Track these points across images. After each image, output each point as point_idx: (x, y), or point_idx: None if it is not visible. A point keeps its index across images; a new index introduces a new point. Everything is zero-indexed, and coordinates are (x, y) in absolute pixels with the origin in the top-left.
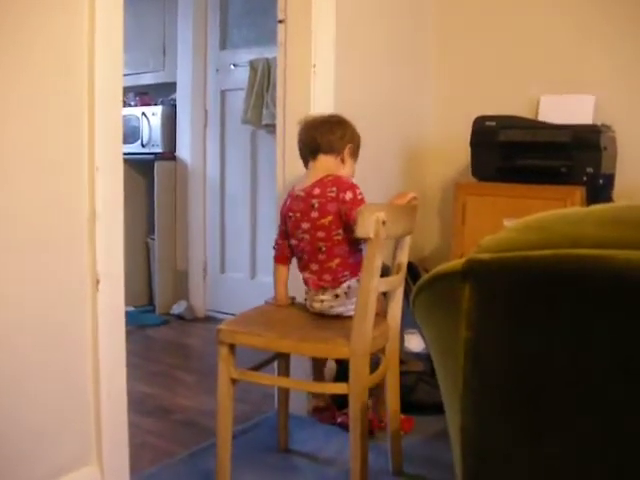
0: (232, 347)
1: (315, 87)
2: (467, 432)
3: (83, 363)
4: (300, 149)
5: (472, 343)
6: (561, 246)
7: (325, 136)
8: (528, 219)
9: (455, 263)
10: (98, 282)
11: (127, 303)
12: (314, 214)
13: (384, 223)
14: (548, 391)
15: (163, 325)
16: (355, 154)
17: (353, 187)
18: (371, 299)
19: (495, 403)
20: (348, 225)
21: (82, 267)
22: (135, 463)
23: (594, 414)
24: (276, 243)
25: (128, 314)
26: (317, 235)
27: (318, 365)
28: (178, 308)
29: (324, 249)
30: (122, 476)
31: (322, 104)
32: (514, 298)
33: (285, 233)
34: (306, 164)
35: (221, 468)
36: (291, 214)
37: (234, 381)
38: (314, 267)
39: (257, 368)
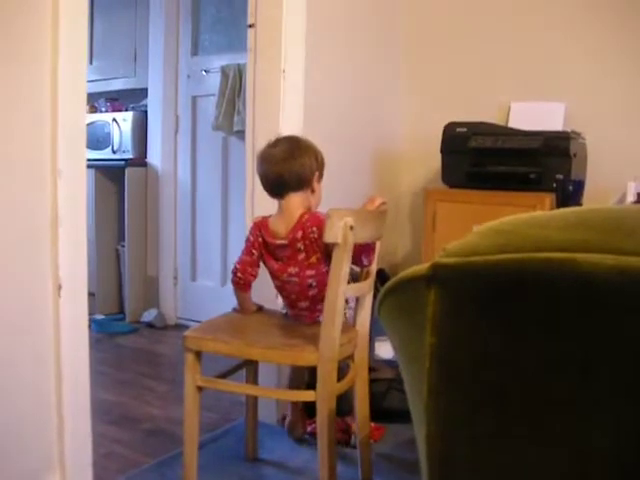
0: (198, 354)
1: (285, 92)
2: (432, 440)
3: (45, 371)
4: (264, 185)
5: (437, 348)
6: (525, 250)
7: (291, 172)
8: (492, 223)
9: (420, 268)
10: (60, 288)
11: (97, 311)
12: (301, 256)
13: (352, 228)
14: (515, 396)
15: (133, 333)
16: (321, 176)
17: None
18: (339, 305)
19: (461, 410)
20: None
21: (44, 272)
22: (101, 473)
23: (562, 420)
24: (242, 271)
25: (97, 322)
26: (306, 274)
27: (297, 373)
28: (148, 316)
29: (314, 284)
30: None
31: (292, 110)
32: (479, 302)
33: (257, 262)
34: (272, 196)
35: (187, 478)
36: (276, 260)
37: (200, 389)
38: (304, 304)
39: (225, 375)
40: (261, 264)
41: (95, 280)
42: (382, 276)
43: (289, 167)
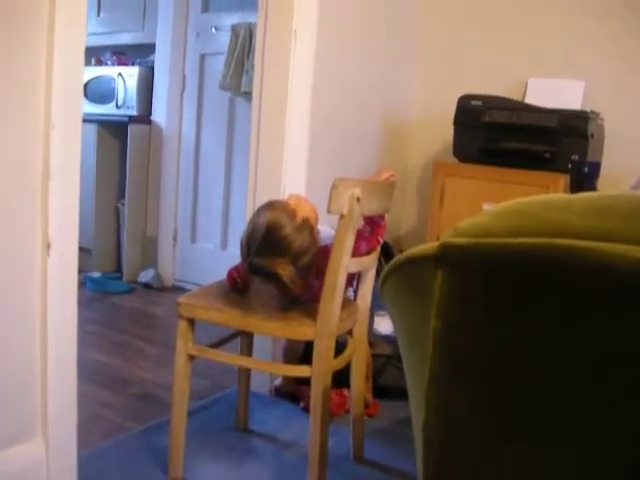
0: (191, 322)
1: (295, 54)
2: (430, 429)
3: (31, 332)
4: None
5: (442, 334)
6: (543, 235)
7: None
8: (508, 204)
9: (428, 246)
10: (49, 246)
11: (94, 269)
12: (315, 283)
13: (359, 200)
14: (522, 391)
15: (129, 293)
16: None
17: None
18: (340, 279)
19: (463, 401)
20: None
21: (32, 229)
22: (86, 437)
23: (570, 419)
24: (243, 280)
25: (93, 280)
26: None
27: (293, 345)
28: (146, 276)
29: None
30: (68, 451)
31: (301, 72)
32: (490, 288)
33: None
34: None
35: (175, 447)
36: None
37: (192, 357)
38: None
39: (219, 344)
40: None
41: (93, 237)
42: (386, 250)
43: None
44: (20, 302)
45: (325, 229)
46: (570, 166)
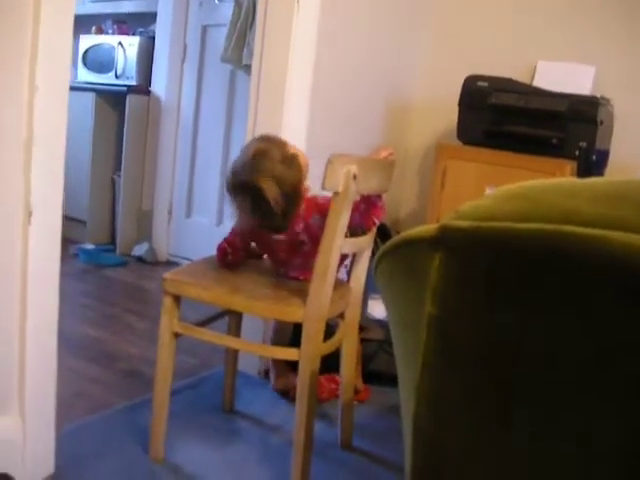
0: (177, 298)
1: (297, 26)
2: (420, 421)
3: (9, 301)
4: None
5: (437, 321)
6: (550, 220)
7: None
8: (513, 187)
9: (427, 228)
10: (31, 214)
11: (88, 240)
12: (306, 247)
13: (355, 177)
14: (520, 385)
15: (122, 266)
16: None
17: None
18: (333, 259)
19: (457, 391)
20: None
21: (13, 196)
22: (68, 412)
23: (570, 415)
24: (234, 255)
25: (86, 252)
26: (309, 263)
27: (282, 327)
28: (139, 250)
29: None
30: (46, 427)
31: (303, 45)
32: (491, 274)
33: (248, 249)
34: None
35: (156, 426)
36: (275, 256)
37: (177, 335)
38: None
39: (207, 322)
40: None
41: (88, 208)
42: (383, 231)
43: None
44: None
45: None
46: (577, 153)
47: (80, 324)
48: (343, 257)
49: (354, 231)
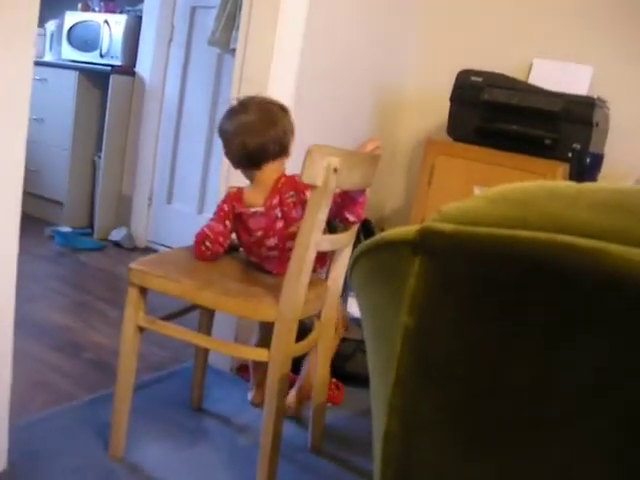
0: (144, 290)
1: (284, 12)
2: (391, 440)
3: None
4: (238, 159)
5: (413, 332)
6: (544, 229)
7: (275, 140)
8: (505, 188)
9: (406, 230)
10: None
11: (64, 223)
12: (279, 224)
13: (335, 170)
14: (502, 406)
15: (98, 251)
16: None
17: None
18: (308, 256)
19: (432, 412)
20: None
21: None
22: (26, 403)
23: (556, 442)
24: (213, 241)
25: (62, 235)
26: (287, 245)
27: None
28: (117, 234)
29: None
30: None
31: (289, 30)
32: (476, 285)
33: (229, 234)
34: (247, 169)
35: (117, 424)
36: (252, 234)
37: (142, 329)
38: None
39: (177, 315)
40: None
41: (66, 189)
42: (367, 228)
43: (273, 135)
44: None
45: None
46: (571, 155)
47: (49, 310)
48: (324, 257)
49: (333, 226)
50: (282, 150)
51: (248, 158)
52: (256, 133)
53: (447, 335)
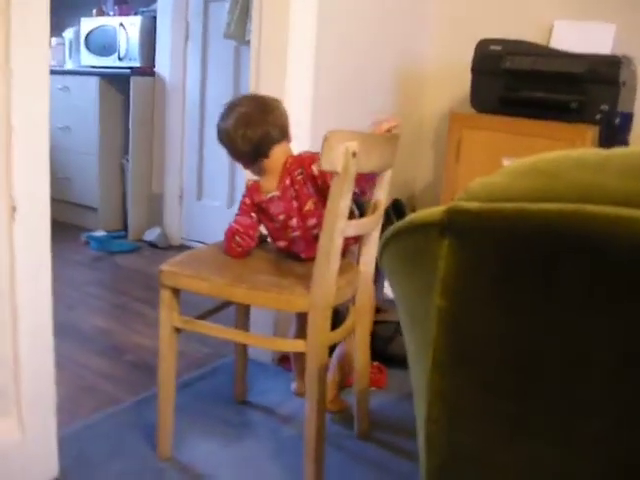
0: (176, 291)
1: None
2: (433, 425)
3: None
4: (244, 153)
5: (448, 314)
6: (571, 199)
7: (275, 124)
8: (530, 160)
9: (432, 212)
10: (14, 210)
11: (99, 227)
12: (294, 204)
13: (354, 155)
14: (539, 384)
15: (134, 252)
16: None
17: (312, 156)
18: (335, 244)
19: (471, 394)
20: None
21: None
22: (74, 408)
23: (595, 420)
24: (244, 235)
25: (97, 240)
26: (307, 224)
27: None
28: (151, 235)
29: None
30: (47, 431)
31: (304, 11)
32: (505, 261)
33: (257, 225)
34: (255, 161)
35: (162, 425)
36: (275, 219)
37: (178, 330)
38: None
39: (211, 313)
40: None
41: (98, 194)
42: (398, 207)
43: (272, 120)
44: None
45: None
46: (599, 117)
47: (88, 315)
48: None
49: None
50: (283, 133)
51: (255, 149)
52: (255, 122)
53: (482, 315)
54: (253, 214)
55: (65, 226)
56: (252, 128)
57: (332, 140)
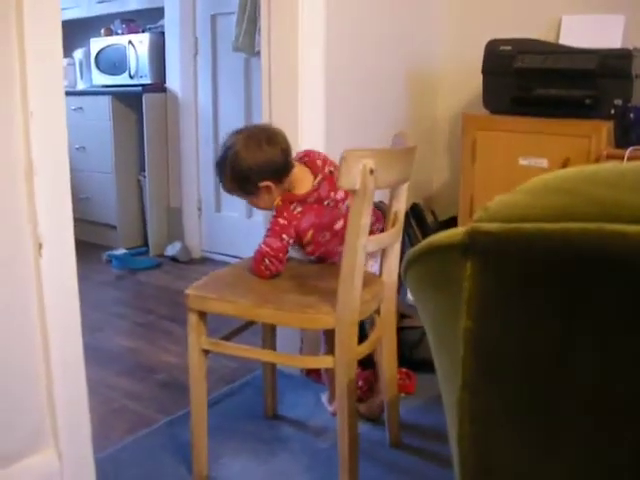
0: (203, 314)
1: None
2: (466, 443)
3: (30, 339)
4: (276, 170)
5: (475, 335)
6: (589, 218)
7: (285, 138)
8: (547, 177)
9: (453, 233)
10: (41, 246)
11: (119, 245)
12: (340, 194)
13: (372, 172)
14: (570, 401)
15: (156, 268)
16: None
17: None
18: (359, 261)
19: (502, 412)
20: None
21: (20, 230)
22: (107, 432)
23: (626, 430)
24: (278, 261)
25: (118, 258)
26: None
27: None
28: (172, 249)
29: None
30: (84, 457)
31: (312, 23)
32: (529, 282)
33: (287, 247)
34: (284, 183)
35: (197, 444)
36: (328, 199)
37: (206, 352)
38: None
39: (238, 332)
40: None
41: (116, 212)
42: (416, 212)
43: (282, 139)
44: (16, 310)
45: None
46: (613, 112)
47: (115, 335)
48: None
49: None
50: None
51: (283, 165)
52: (266, 144)
53: (509, 335)
54: (285, 236)
55: (86, 245)
56: (268, 148)
57: (349, 159)
